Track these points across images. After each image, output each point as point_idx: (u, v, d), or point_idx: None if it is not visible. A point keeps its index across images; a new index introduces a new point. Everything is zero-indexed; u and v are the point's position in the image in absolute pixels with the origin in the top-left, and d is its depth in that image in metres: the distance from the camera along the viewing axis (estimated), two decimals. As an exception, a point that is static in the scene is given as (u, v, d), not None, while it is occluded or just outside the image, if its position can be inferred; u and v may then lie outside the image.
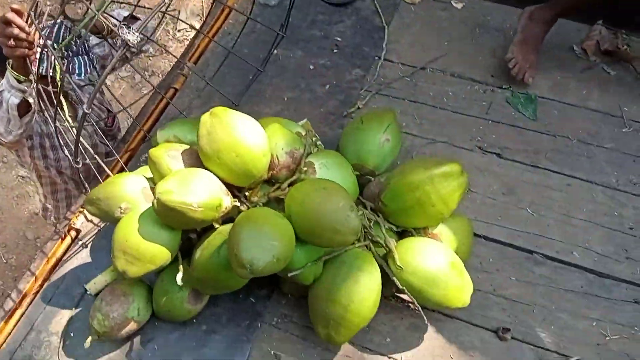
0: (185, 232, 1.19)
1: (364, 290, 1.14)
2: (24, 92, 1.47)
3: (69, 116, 1.50)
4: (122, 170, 1.49)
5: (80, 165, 1.19)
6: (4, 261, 2.82)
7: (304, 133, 1.35)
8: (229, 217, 1.19)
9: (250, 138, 1.16)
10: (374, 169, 1.38)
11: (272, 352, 1.24)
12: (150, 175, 1.24)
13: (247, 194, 1.23)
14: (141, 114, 1.70)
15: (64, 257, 1.37)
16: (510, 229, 1.45)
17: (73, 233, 1.40)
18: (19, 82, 1.44)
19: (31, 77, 1.42)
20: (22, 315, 1.28)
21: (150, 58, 3.63)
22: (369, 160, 1.37)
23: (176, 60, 1.85)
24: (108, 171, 1.35)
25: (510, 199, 1.51)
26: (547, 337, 1.27)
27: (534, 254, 1.41)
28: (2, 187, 3.05)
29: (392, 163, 1.43)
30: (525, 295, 1.34)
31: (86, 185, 1.32)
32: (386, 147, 1.38)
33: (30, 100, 1.50)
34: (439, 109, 1.69)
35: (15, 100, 1.47)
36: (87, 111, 1.05)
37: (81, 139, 1.19)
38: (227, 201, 1.13)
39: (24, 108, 1.52)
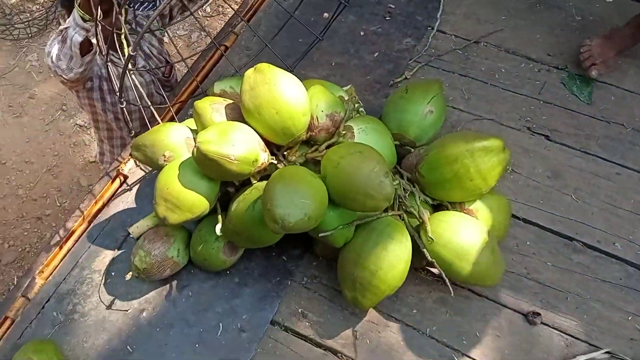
0: (224, 185, 1.22)
1: (393, 257, 1.15)
2: (87, 30, 1.52)
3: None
4: (172, 119, 1.53)
5: (125, 105, 1.21)
6: (58, 204, 2.97)
7: (346, 98, 1.35)
8: (266, 175, 1.21)
9: (291, 96, 1.17)
10: (415, 139, 1.37)
11: (300, 310, 1.28)
12: (195, 127, 1.28)
13: (285, 153, 1.25)
14: (192, 70, 1.73)
15: (111, 200, 1.44)
16: (551, 214, 1.42)
17: (121, 178, 1.46)
18: (84, 20, 1.49)
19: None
20: (68, 252, 1.36)
21: (207, 18, 3.67)
22: (410, 130, 1.36)
23: (231, 16, 1.86)
24: (159, 119, 1.39)
25: (554, 183, 1.47)
26: (579, 326, 1.25)
27: (573, 241, 1.37)
28: (60, 134, 3.19)
29: (435, 136, 1.41)
30: (560, 281, 1.31)
31: (130, 126, 1.35)
32: (429, 119, 1.37)
33: (93, 40, 1.55)
34: (489, 85, 1.65)
35: (79, 38, 1.52)
36: (132, 53, 1.07)
37: (138, 86, 1.23)
38: (264, 157, 1.15)
39: (86, 47, 1.58)
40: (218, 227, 1.17)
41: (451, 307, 1.29)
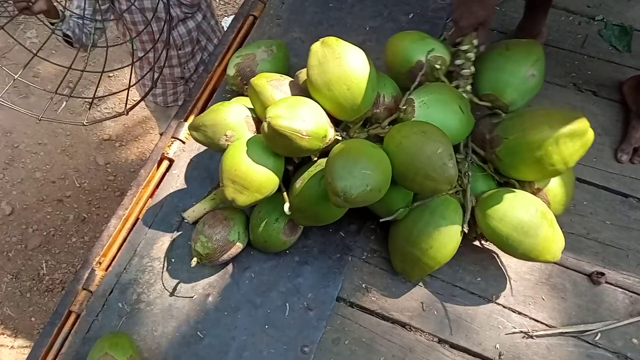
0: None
1: (444, 237, 1.14)
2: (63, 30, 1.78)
3: None
4: (210, 97, 1.50)
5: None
6: (78, 185, 2.93)
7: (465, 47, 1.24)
8: (326, 151, 1.18)
9: (362, 72, 1.11)
10: (509, 104, 1.25)
11: (363, 285, 1.27)
12: (249, 106, 1.23)
13: (343, 128, 1.21)
14: (220, 44, 1.67)
15: (159, 185, 1.41)
16: (604, 171, 1.40)
17: (167, 161, 1.43)
18: (52, 24, 1.73)
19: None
20: (124, 241, 1.34)
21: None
22: (507, 93, 1.24)
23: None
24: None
25: (605, 140, 1.45)
26: (642, 283, 1.26)
27: (629, 197, 1.37)
28: (71, 112, 3.12)
29: (528, 103, 1.31)
30: (619, 239, 1.31)
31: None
32: (530, 83, 1.24)
33: (69, 33, 1.79)
34: (531, 41, 1.60)
35: (60, 34, 1.79)
36: None
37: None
38: (331, 133, 1.11)
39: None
40: (286, 206, 1.14)
41: (514, 272, 1.28)
